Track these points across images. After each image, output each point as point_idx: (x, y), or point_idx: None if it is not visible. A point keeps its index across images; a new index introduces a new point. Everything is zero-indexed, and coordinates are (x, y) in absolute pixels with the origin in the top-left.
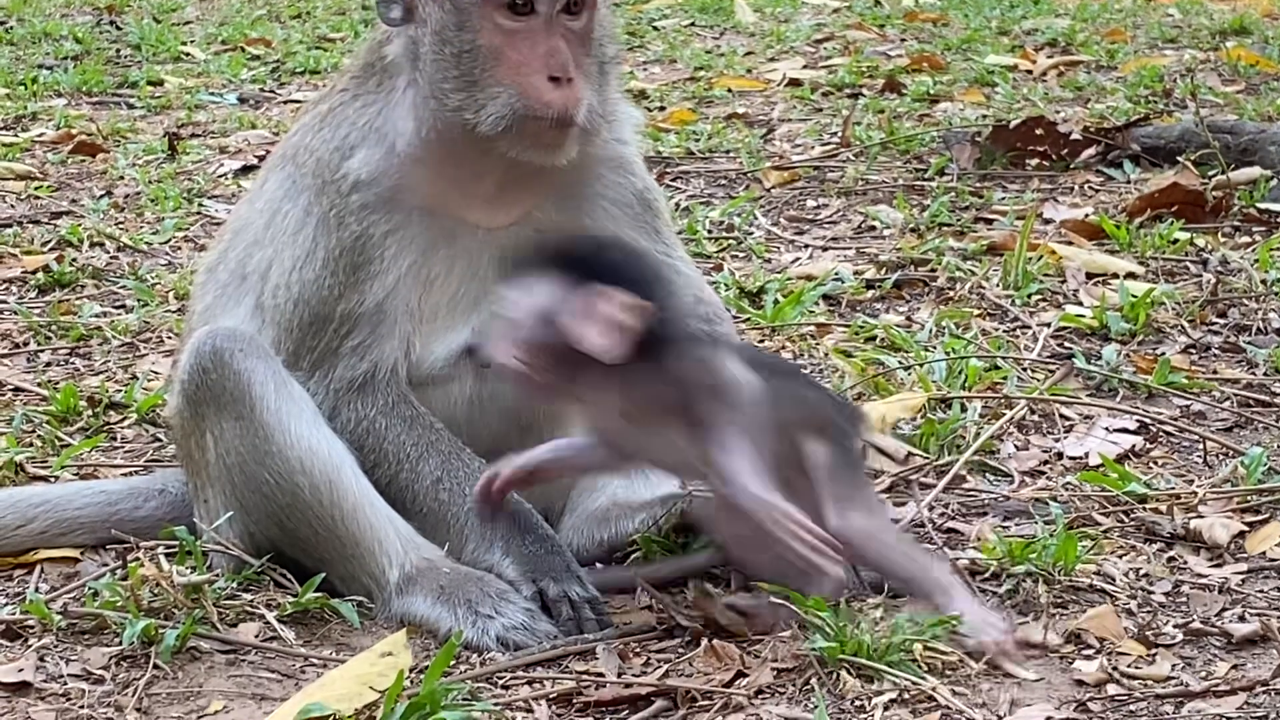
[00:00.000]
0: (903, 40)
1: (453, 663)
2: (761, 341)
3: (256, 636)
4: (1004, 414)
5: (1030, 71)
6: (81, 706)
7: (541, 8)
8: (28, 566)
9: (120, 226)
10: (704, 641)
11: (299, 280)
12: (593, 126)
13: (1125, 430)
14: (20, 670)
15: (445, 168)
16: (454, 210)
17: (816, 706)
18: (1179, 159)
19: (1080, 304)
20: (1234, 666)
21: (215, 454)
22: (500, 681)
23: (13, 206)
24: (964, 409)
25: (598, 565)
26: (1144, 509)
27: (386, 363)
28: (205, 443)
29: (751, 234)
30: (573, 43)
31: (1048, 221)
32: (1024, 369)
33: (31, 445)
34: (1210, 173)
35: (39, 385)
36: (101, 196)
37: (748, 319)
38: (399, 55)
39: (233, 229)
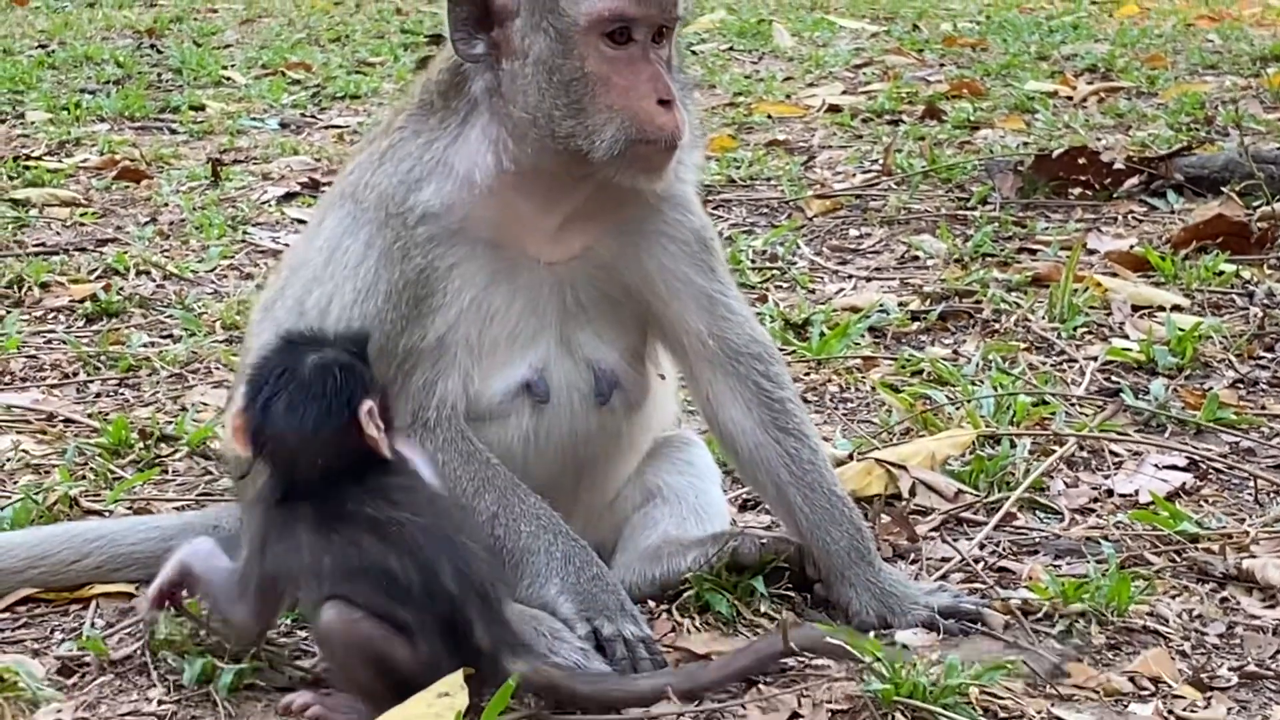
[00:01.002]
0: (942, 65)
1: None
2: (807, 374)
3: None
4: (1054, 451)
5: (1070, 97)
6: None
7: (638, 36)
8: (83, 602)
9: (166, 254)
10: (758, 684)
11: (361, 315)
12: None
13: (1174, 467)
14: (79, 708)
15: (517, 200)
16: (517, 244)
17: None
18: (1223, 189)
19: (1126, 337)
20: None
21: None
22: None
23: (59, 234)
24: (1013, 445)
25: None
26: (1196, 548)
27: (447, 399)
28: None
29: (795, 264)
30: (662, 69)
31: (1092, 252)
32: (1072, 404)
33: (84, 478)
34: (1255, 203)
35: (89, 416)
36: (146, 223)
37: (794, 351)
38: (474, 89)
39: (289, 266)
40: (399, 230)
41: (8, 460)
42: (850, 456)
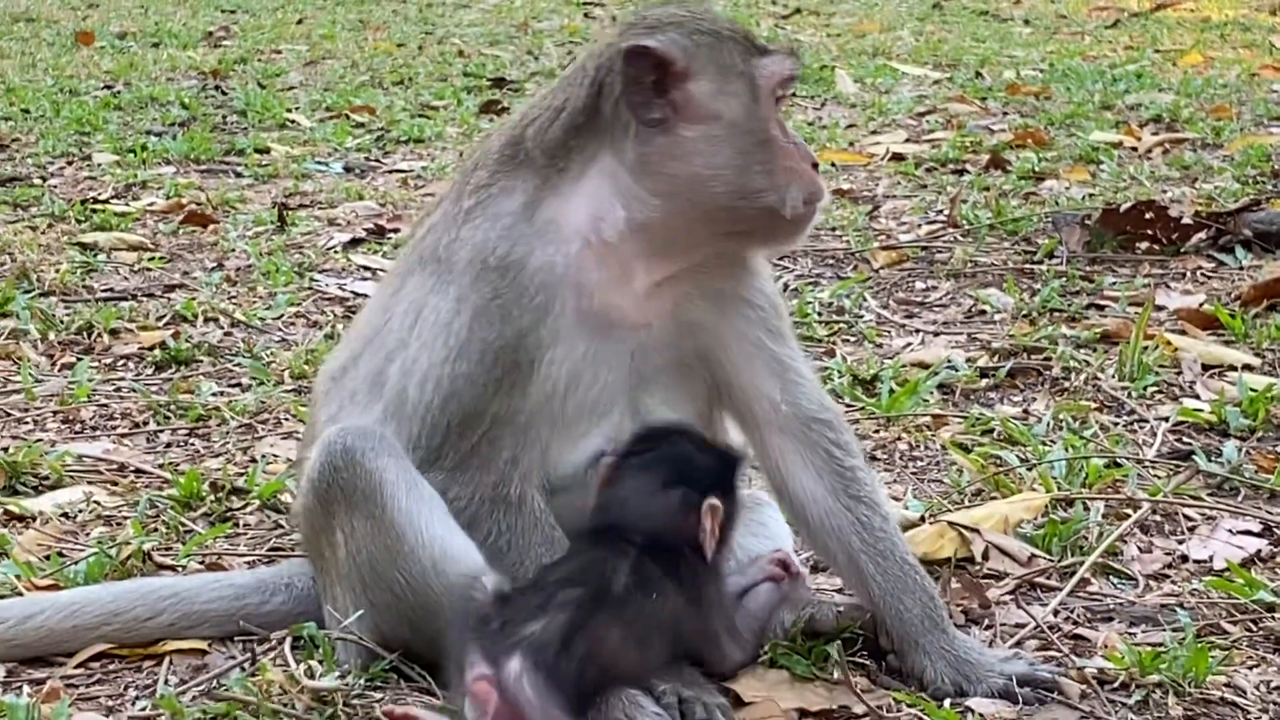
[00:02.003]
0: (1005, 114)
1: None
2: (877, 432)
3: None
4: (1127, 515)
5: (1135, 148)
6: None
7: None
8: (156, 658)
9: (233, 301)
10: None
11: (450, 375)
12: None
13: (1249, 532)
14: None
15: (625, 262)
16: (615, 308)
17: None
18: None
19: (1198, 397)
20: None
21: (345, 552)
22: None
23: (126, 279)
24: (1086, 509)
25: None
26: (1273, 617)
27: (531, 473)
28: (335, 540)
29: (862, 317)
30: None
31: (1160, 308)
32: (1145, 466)
33: (156, 531)
34: None
35: (160, 467)
36: (214, 269)
37: (862, 408)
38: (599, 148)
39: (361, 336)
40: (497, 286)
41: (80, 511)
42: (922, 519)
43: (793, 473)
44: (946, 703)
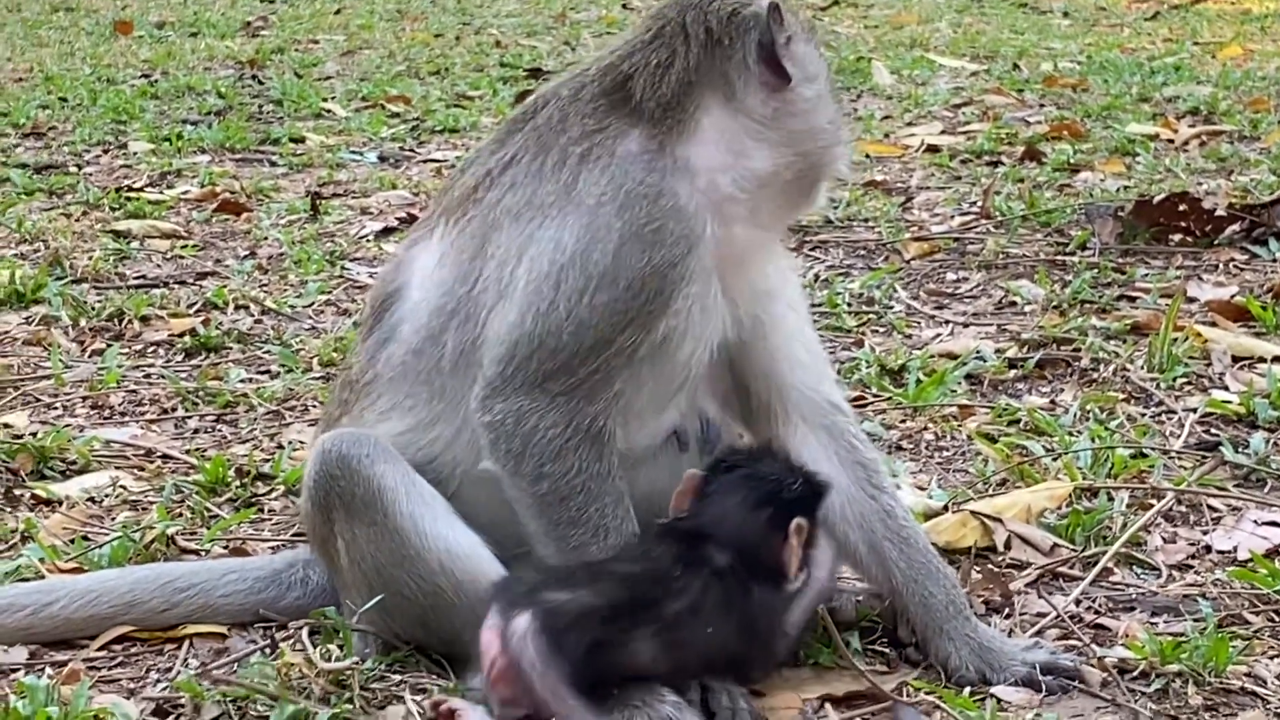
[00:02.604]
0: (1042, 106)
1: None
2: (903, 421)
3: None
4: (1151, 505)
5: (1172, 141)
6: None
7: None
8: (177, 641)
9: (264, 289)
10: None
11: (589, 304)
12: None
13: (1274, 524)
14: None
15: (738, 226)
16: (727, 264)
17: None
18: None
19: (1226, 389)
20: None
21: (349, 559)
22: None
23: (159, 266)
24: (1110, 499)
25: None
26: None
27: (618, 421)
28: (338, 547)
29: (891, 308)
30: None
31: (1191, 300)
32: (1171, 457)
33: (181, 516)
34: None
35: (187, 453)
36: (245, 257)
37: (889, 398)
38: (712, 102)
39: (440, 311)
40: (651, 212)
41: (106, 496)
42: (945, 508)
43: (815, 460)
44: (966, 691)
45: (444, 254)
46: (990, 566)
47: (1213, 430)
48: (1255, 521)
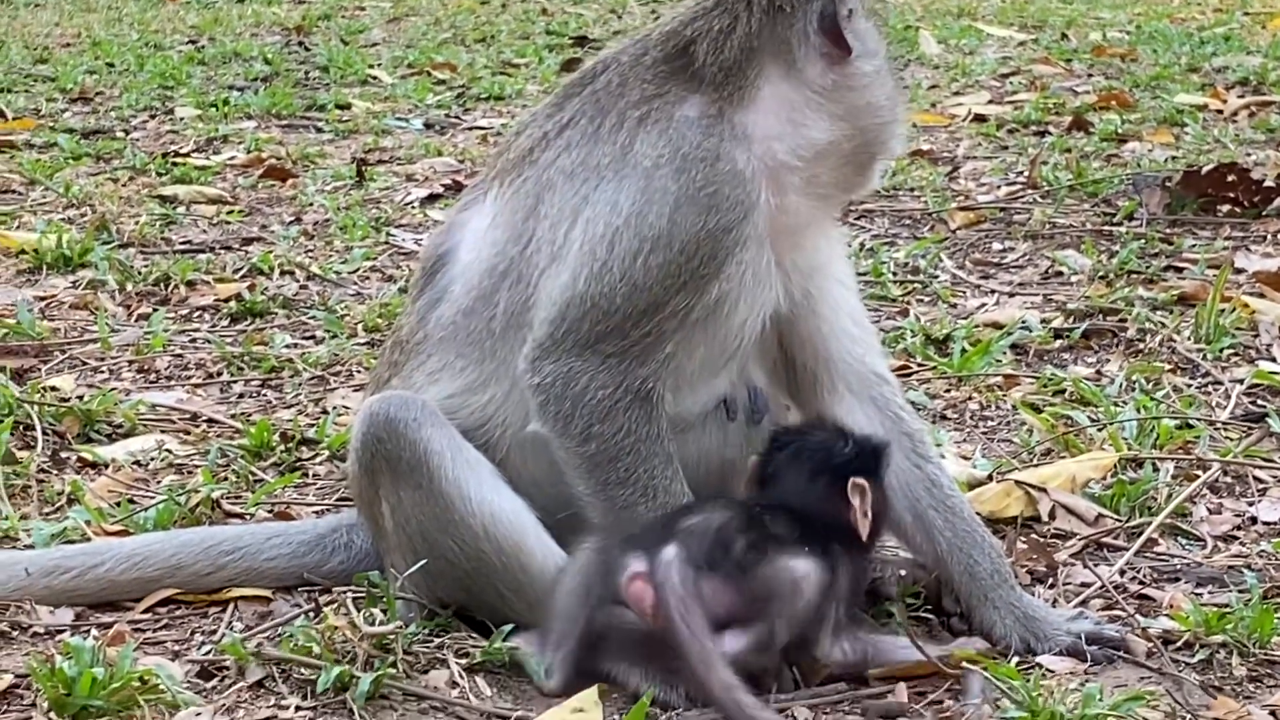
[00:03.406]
0: (1090, 76)
1: None
2: (948, 391)
3: (447, 684)
4: (1197, 476)
5: (1220, 111)
6: None
7: None
8: (221, 604)
9: (309, 255)
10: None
11: (644, 266)
12: None
13: None
14: (217, 712)
15: (793, 195)
16: (782, 234)
17: None
18: None
19: (1273, 360)
20: None
21: (394, 522)
22: None
23: (205, 231)
24: (1156, 469)
25: None
26: None
27: (670, 383)
28: (383, 510)
29: (937, 277)
30: None
31: (1239, 271)
32: (1217, 428)
33: (226, 480)
34: None
35: (232, 417)
36: (291, 223)
37: (934, 367)
38: (772, 70)
39: (492, 272)
40: (708, 175)
41: (152, 459)
42: (990, 477)
43: (861, 431)
44: (1012, 660)
45: (497, 214)
46: (1035, 537)
47: (1259, 401)
48: None
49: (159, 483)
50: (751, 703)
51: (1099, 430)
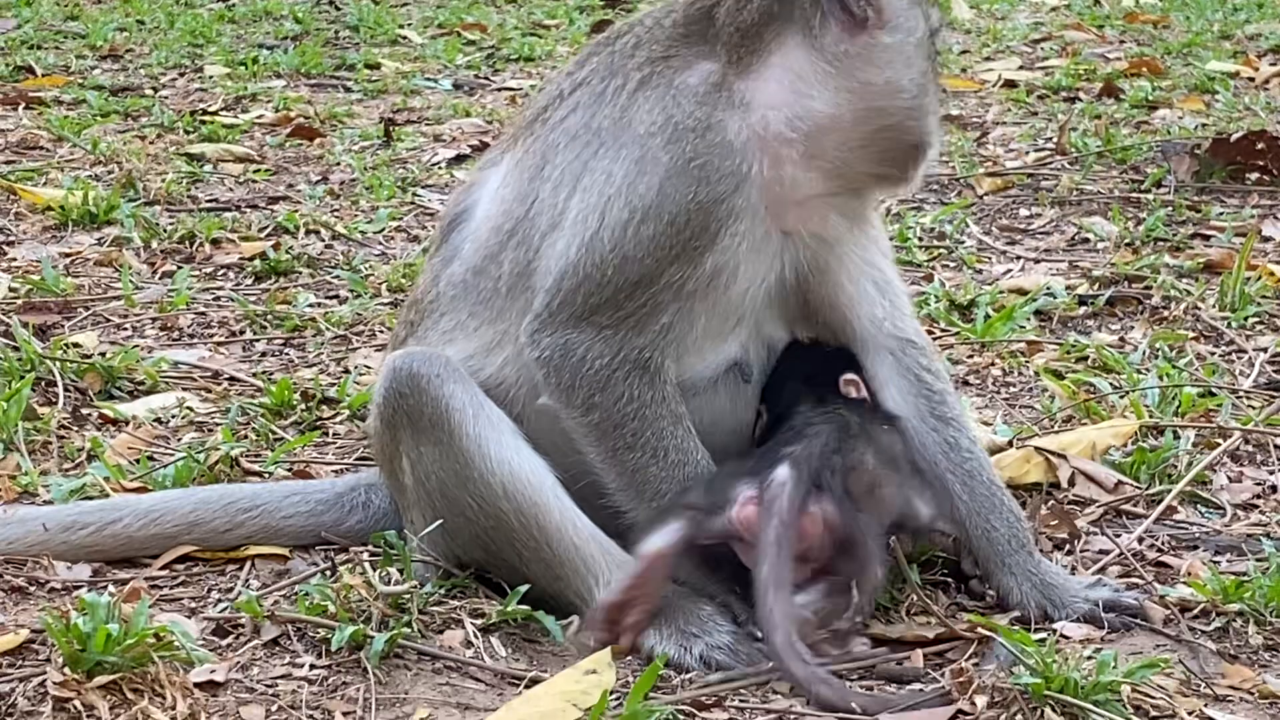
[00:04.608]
0: (1122, 42)
1: (658, 683)
2: (970, 357)
3: (461, 643)
4: (1218, 444)
5: (1252, 79)
6: (292, 706)
7: None
8: (239, 562)
9: (335, 214)
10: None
11: (635, 237)
12: None
13: None
14: (232, 669)
15: (800, 161)
16: (781, 207)
17: None
18: None
19: None
20: None
21: (414, 478)
22: (709, 702)
23: (231, 190)
24: (1176, 437)
25: None
26: None
27: (672, 350)
28: (403, 466)
29: (963, 243)
30: None
31: (1267, 239)
32: (1239, 397)
33: (246, 438)
34: None
35: (254, 376)
36: (318, 182)
37: (957, 333)
38: (787, 36)
39: (498, 231)
40: (697, 147)
41: (173, 417)
42: (1010, 443)
43: (882, 392)
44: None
45: (508, 173)
46: (1056, 503)
47: None
48: None
49: (179, 440)
50: (812, 671)
51: (1121, 398)
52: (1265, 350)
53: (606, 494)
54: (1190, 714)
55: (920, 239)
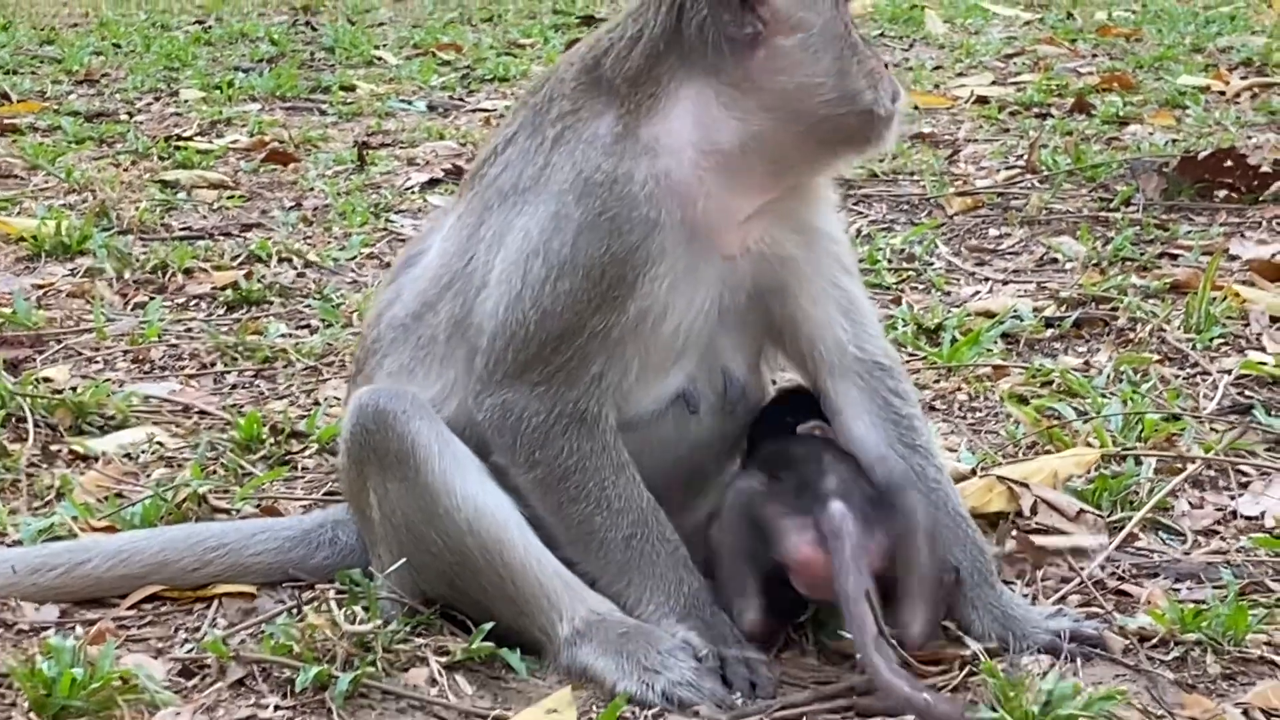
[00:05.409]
0: (1094, 56)
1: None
2: (937, 382)
3: (426, 682)
4: (1180, 469)
5: (1223, 93)
6: None
7: None
8: (207, 600)
9: (308, 241)
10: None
11: (552, 293)
12: None
13: None
14: (197, 711)
15: (723, 186)
16: (711, 233)
17: None
18: None
19: (1263, 349)
20: None
21: (380, 514)
22: None
23: (205, 217)
24: (1139, 463)
25: None
26: None
27: (608, 396)
28: (370, 501)
29: (932, 264)
30: None
31: (1234, 258)
32: (1201, 420)
33: (215, 474)
34: None
35: (224, 409)
36: (291, 208)
37: (924, 358)
38: (679, 70)
39: (436, 281)
40: (606, 200)
41: (142, 452)
42: (974, 471)
43: (850, 417)
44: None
45: (451, 226)
46: (1026, 537)
47: (1247, 392)
48: None
49: (149, 476)
50: (925, 699)
51: (1084, 423)
52: (1229, 372)
53: (559, 548)
54: None
55: (890, 260)
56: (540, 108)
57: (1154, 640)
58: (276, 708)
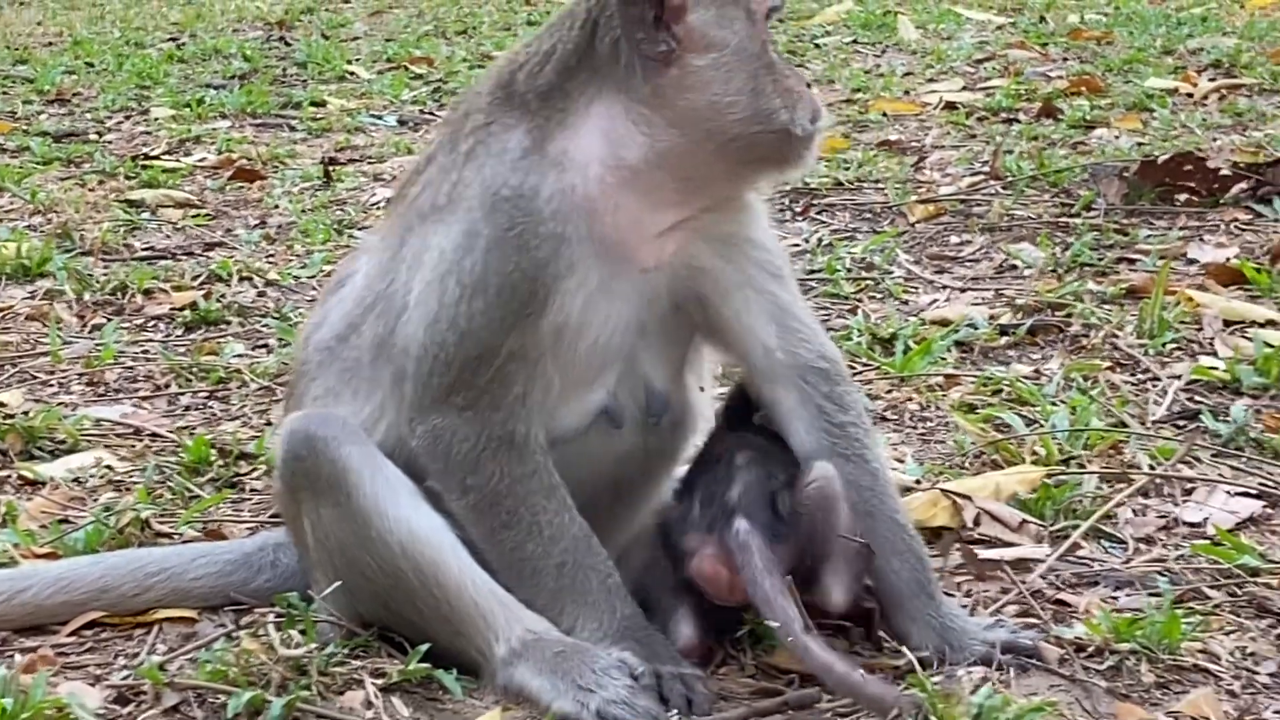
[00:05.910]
0: (1065, 59)
1: None
2: (889, 392)
3: (362, 704)
4: (1125, 479)
5: (1191, 95)
6: None
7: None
8: (147, 626)
9: (270, 260)
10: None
11: (467, 313)
12: None
13: (1247, 494)
14: None
15: (635, 200)
16: (626, 248)
17: None
18: None
19: (1214, 354)
20: None
21: (315, 538)
22: None
23: (168, 237)
24: (1083, 467)
25: None
26: (1255, 583)
27: (534, 417)
28: (305, 526)
29: (891, 273)
30: None
31: (1192, 262)
32: (1148, 427)
33: (161, 498)
34: None
35: (175, 431)
36: (255, 227)
37: (877, 368)
38: (590, 87)
39: (360, 303)
40: (513, 216)
41: (90, 477)
42: (918, 482)
43: (785, 423)
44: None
45: (377, 246)
46: (971, 550)
47: (1197, 398)
48: (1228, 493)
49: (96, 500)
50: (859, 676)
51: (1031, 432)
52: (1179, 378)
53: (494, 574)
54: None
55: (849, 270)
56: (457, 124)
57: (1089, 650)
58: None
